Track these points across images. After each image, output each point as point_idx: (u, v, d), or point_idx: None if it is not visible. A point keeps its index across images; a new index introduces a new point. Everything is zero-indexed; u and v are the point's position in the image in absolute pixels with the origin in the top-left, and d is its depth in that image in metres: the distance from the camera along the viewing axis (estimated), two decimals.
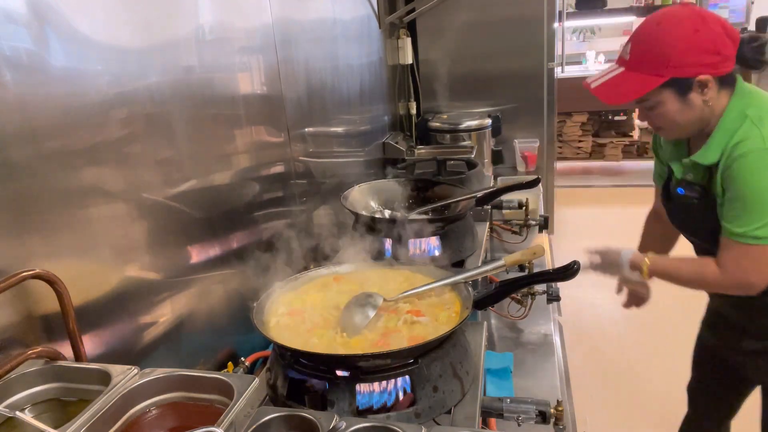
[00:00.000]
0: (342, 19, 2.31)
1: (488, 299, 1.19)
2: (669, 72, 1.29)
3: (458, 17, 3.47)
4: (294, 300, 1.25)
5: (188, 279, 1.23)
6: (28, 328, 0.85)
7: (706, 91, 1.30)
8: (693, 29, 1.27)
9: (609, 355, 3.13)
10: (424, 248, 1.62)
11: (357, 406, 0.99)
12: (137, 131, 1.07)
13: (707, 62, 1.28)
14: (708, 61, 1.28)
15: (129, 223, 1.06)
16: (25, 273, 0.80)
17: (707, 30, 1.27)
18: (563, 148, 6.51)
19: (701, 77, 1.29)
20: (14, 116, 0.82)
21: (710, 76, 1.29)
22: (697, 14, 1.29)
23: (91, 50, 0.96)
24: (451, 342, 1.09)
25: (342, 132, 2.30)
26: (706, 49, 1.27)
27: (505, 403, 1.12)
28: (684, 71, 1.29)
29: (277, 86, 1.66)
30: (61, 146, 0.90)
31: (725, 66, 1.30)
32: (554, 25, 3.43)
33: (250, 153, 1.51)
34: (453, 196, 1.86)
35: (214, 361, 1.31)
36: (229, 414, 0.75)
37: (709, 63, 1.28)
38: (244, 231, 1.47)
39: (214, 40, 1.33)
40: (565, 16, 3.71)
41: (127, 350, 1.05)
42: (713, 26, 1.27)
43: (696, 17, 1.28)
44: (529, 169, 3.60)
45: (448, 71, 3.59)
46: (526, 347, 1.71)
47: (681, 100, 1.32)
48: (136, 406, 0.83)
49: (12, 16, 0.82)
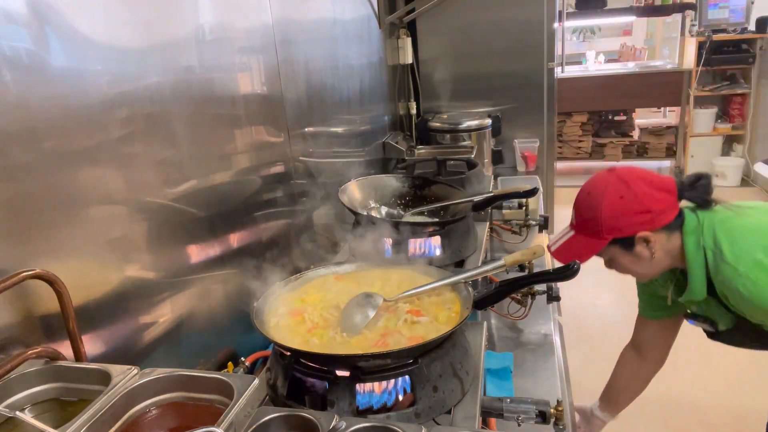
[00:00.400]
0: (342, 19, 2.31)
1: (488, 299, 1.18)
2: (608, 235, 1.39)
3: (458, 17, 3.46)
4: (294, 300, 1.25)
5: (188, 279, 1.23)
6: (28, 328, 0.85)
7: (650, 244, 1.39)
8: (618, 196, 1.36)
9: (609, 355, 3.13)
10: (424, 248, 1.62)
11: (357, 406, 0.99)
12: (137, 131, 1.07)
13: (639, 221, 1.36)
14: (640, 221, 1.36)
15: (129, 223, 1.06)
16: (25, 273, 0.80)
17: (631, 194, 1.36)
18: (563, 148, 6.51)
19: (640, 234, 1.37)
20: (14, 116, 0.82)
21: (648, 232, 1.37)
22: (620, 180, 1.38)
23: (91, 50, 0.96)
24: (451, 342, 1.09)
25: (342, 132, 2.30)
26: (634, 211, 1.36)
27: (505, 403, 1.12)
28: (621, 233, 1.39)
29: (277, 86, 1.66)
30: (61, 146, 0.90)
31: (662, 218, 1.37)
32: (554, 25, 3.43)
33: (250, 153, 1.51)
34: (450, 197, 1.86)
35: (214, 361, 1.31)
36: (229, 414, 0.74)
37: (642, 221, 1.36)
38: (244, 231, 1.47)
39: (214, 40, 1.33)
40: (565, 16, 3.71)
41: (127, 350, 1.05)
42: (637, 188, 1.36)
43: (619, 183, 1.37)
44: (529, 169, 3.59)
45: (448, 71, 3.59)
46: (526, 347, 1.71)
47: (630, 254, 1.42)
48: (136, 406, 0.83)
49: (12, 16, 0.82)
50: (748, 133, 5.78)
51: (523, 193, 1.88)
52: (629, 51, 8.74)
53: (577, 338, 3.07)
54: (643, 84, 6.05)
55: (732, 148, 6.04)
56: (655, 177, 1.40)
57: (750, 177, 5.79)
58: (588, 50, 7.70)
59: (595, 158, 6.55)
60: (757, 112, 5.65)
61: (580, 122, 6.43)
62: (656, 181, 1.39)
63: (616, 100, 6.24)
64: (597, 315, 3.49)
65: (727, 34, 5.48)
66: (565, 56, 3.73)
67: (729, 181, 5.77)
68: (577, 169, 6.83)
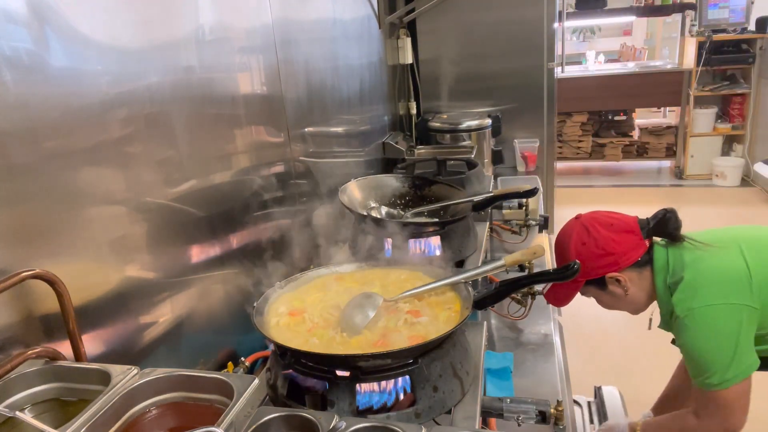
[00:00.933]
0: (342, 19, 2.31)
1: (488, 299, 1.18)
2: (581, 279, 1.49)
3: (458, 17, 3.46)
4: (294, 300, 1.25)
5: (188, 279, 1.23)
6: (28, 328, 0.85)
7: (621, 282, 1.49)
8: (581, 243, 1.48)
9: (609, 355, 3.13)
10: (424, 248, 1.62)
11: (357, 406, 0.99)
12: (137, 131, 1.07)
13: (604, 264, 1.47)
14: (604, 263, 1.47)
15: (129, 223, 1.06)
16: (25, 273, 0.80)
17: (591, 240, 1.47)
18: (563, 148, 6.50)
19: (609, 275, 1.48)
20: (14, 116, 0.82)
21: (615, 273, 1.47)
22: (582, 227, 1.50)
23: (91, 50, 0.96)
24: (451, 342, 1.09)
25: (342, 132, 2.30)
26: (597, 255, 1.46)
27: (505, 403, 1.12)
28: (591, 275, 1.48)
29: (277, 86, 1.66)
30: (61, 146, 0.90)
31: (626, 258, 1.47)
32: (554, 25, 3.43)
33: (250, 153, 1.51)
34: (450, 197, 1.86)
35: (214, 361, 1.31)
36: (229, 414, 0.74)
37: (606, 264, 1.46)
38: (244, 231, 1.46)
39: (214, 40, 1.33)
40: (565, 16, 3.70)
41: (127, 350, 1.05)
42: (597, 233, 1.47)
43: (581, 230, 1.49)
44: (529, 169, 3.59)
45: (448, 71, 3.59)
46: (526, 347, 1.71)
47: (606, 293, 1.53)
48: (136, 406, 0.83)
49: (12, 16, 0.82)
50: (748, 133, 5.77)
51: (523, 193, 1.88)
52: (629, 51, 8.74)
53: (577, 338, 3.07)
54: (643, 84, 6.04)
55: (732, 148, 6.03)
56: (616, 220, 1.50)
57: (750, 177, 5.79)
58: (588, 50, 7.70)
59: (595, 158, 6.55)
60: (757, 112, 5.64)
61: (580, 122, 6.43)
62: (617, 224, 1.49)
63: (616, 100, 6.24)
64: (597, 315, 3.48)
65: (727, 34, 5.47)
66: (565, 56, 3.73)
67: (729, 181, 5.77)
68: (577, 169, 6.83)
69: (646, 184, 6.26)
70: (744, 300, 1.36)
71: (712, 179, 5.90)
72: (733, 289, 1.37)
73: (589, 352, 3.11)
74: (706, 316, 1.37)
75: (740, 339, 1.36)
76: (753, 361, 1.38)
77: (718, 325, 1.37)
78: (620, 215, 1.54)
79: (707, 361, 1.38)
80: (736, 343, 1.35)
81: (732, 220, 4.90)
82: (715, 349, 1.37)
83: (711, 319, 1.37)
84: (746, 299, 1.36)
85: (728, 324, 1.36)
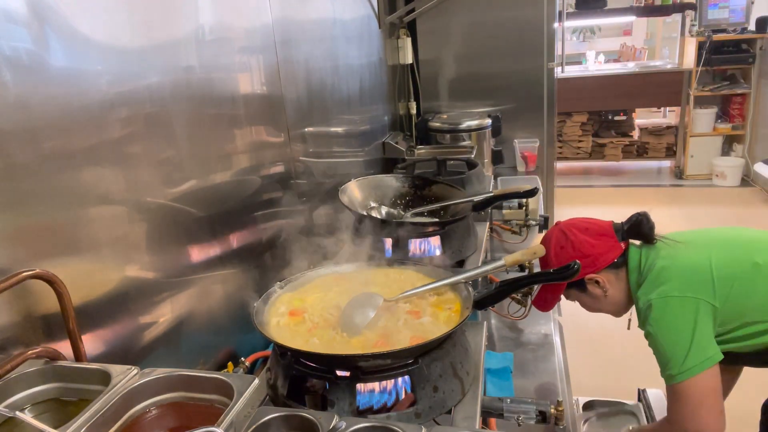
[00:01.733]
0: (342, 19, 2.31)
1: (488, 299, 1.18)
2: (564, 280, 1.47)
3: (458, 17, 3.46)
4: (294, 300, 1.25)
5: (188, 279, 1.23)
6: (28, 328, 0.85)
7: (600, 283, 1.54)
8: (559, 246, 1.54)
9: (609, 355, 3.13)
10: (424, 248, 1.62)
11: (357, 406, 0.99)
12: (137, 131, 1.07)
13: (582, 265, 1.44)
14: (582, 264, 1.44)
15: (129, 222, 1.06)
16: (25, 273, 0.80)
17: (569, 243, 1.53)
18: (563, 148, 6.51)
19: (587, 277, 1.53)
20: (14, 116, 0.82)
21: (593, 274, 1.52)
22: (560, 232, 1.56)
23: (91, 50, 0.96)
24: (451, 342, 1.09)
25: (342, 132, 2.30)
26: (574, 257, 1.48)
27: (505, 403, 1.12)
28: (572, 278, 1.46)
29: (277, 86, 1.66)
30: (61, 146, 0.90)
31: (602, 260, 1.52)
32: (554, 25, 3.43)
33: (250, 153, 1.51)
34: (450, 197, 1.86)
35: (214, 361, 1.31)
36: (229, 414, 0.74)
37: (584, 265, 1.47)
38: (244, 231, 1.46)
39: (214, 40, 1.33)
40: (565, 16, 3.70)
41: (127, 350, 1.05)
42: (573, 237, 1.54)
43: (559, 235, 1.56)
44: (529, 169, 3.59)
45: (448, 71, 3.59)
46: (526, 347, 1.71)
47: (587, 294, 1.58)
48: (136, 406, 0.83)
49: (12, 16, 0.82)
50: (748, 133, 5.78)
51: (523, 193, 1.88)
52: (629, 51, 8.74)
53: (577, 338, 3.07)
54: (643, 84, 6.05)
55: (732, 148, 6.04)
56: (592, 225, 1.58)
57: (750, 177, 5.79)
58: (588, 50, 7.70)
59: (594, 158, 6.55)
60: (757, 112, 5.64)
61: (580, 122, 6.43)
62: (592, 227, 1.57)
63: (616, 100, 6.24)
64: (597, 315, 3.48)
65: (727, 34, 5.48)
66: (565, 56, 3.73)
67: (729, 181, 5.77)
68: (577, 169, 6.83)
69: (646, 184, 6.26)
70: (701, 295, 1.39)
71: (712, 179, 5.90)
72: (692, 284, 1.40)
73: (589, 352, 3.11)
74: (662, 307, 1.40)
75: (696, 331, 1.37)
76: (713, 353, 1.37)
77: (673, 316, 1.40)
78: (596, 220, 1.61)
79: (666, 352, 1.40)
80: (692, 334, 1.37)
81: (732, 220, 4.90)
82: (672, 339, 1.39)
83: (667, 310, 1.40)
84: (704, 294, 1.39)
85: (683, 316, 1.39)
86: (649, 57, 8.48)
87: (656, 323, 1.41)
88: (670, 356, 1.39)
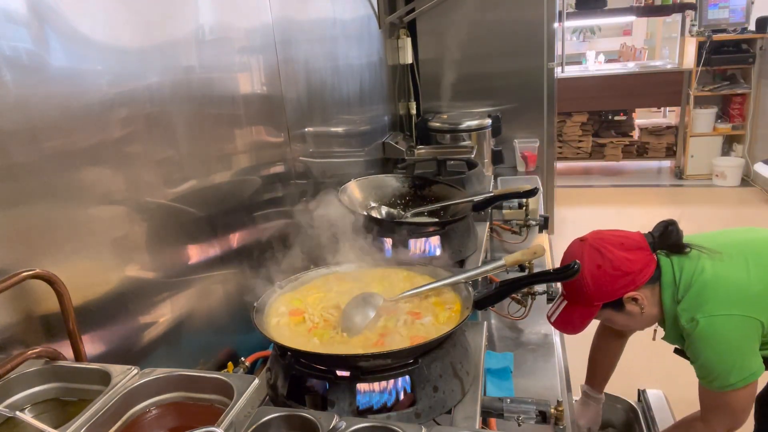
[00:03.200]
0: (342, 19, 2.31)
1: (488, 299, 1.18)
2: (597, 303, 1.45)
3: (458, 17, 3.47)
4: (294, 300, 1.25)
5: (188, 279, 1.23)
6: (28, 328, 0.85)
7: (638, 300, 1.44)
8: (596, 266, 1.42)
9: None
10: (424, 248, 1.62)
11: (357, 406, 0.99)
12: (137, 131, 1.07)
13: (622, 285, 1.42)
14: (622, 284, 1.42)
15: (129, 222, 1.06)
16: (25, 273, 0.80)
17: (607, 261, 1.41)
18: (563, 148, 6.51)
19: (626, 296, 1.43)
20: (14, 116, 0.82)
21: (633, 291, 1.42)
22: (593, 250, 1.43)
23: (91, 50, 0.96)
24: (451, 342, 1.09)
25: (342, 132, 2.30)
26: (614, 277, 1.41)
27: (505, 403, 1.12)
28: (609, 298, 1.44)
29: (277, 86, 1.66)
30: (61, 146, 0.90)
31: (642, 276, 1.43)
32: (554, 25, 3.43)
33: (250, 153, 1.51)
34: (450, 197, 1.86)
35: (214, 361, 1.31)
36: (229, 414, 0.74)
37: (624, 284, 1.42)
38: (244, 231, 1.46)
39: (214, 40, 1.33)
40: (565, 16, 3.71)
41: (127, 350, 1.05)
42: (611, 255, 1.42)
43: (594, 253, 1.43)
44: (529, 169, 3.59)
45: (448, 71, 3.59)
46: (526, 347, 1.71)
47: (623, 313, 1.48)
48: (136, 406, 0.83)
49: (12, 16, 0.82)
50: (748, 133, 5.78)
51: (523, 193, 1.88)
52: (629, 51, 8.75)
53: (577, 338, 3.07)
54: (643, 84, 6.05)
55: (732, 148, 6.04)
56: (625, 238, 1.47)
57: (750, 177, 5.79)
58: (588, 50, 7.70)
59: (595, 158, 6.55)
60: (757, 112, 5.64)
61: (580, 122, 6.43)
62: (627, 242, 1.45)
63: (616, 100, 6.24)
64: None
65: (727, 34, 5.47)
66: (565, 56, 3.74)
67: (729, 181, 5.77)
68: (577, 169, 6.83)
69: (646, 184, 6.26)
70: (748, 312, 1.37)
71: (712, 179, 5.90)
72: (737, 301, 1.38)
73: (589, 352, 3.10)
74: (709, 326, 1.38)
75: (743, 348, 1.38)
76: (758, 367, 1.40)
77: (720, 335, 1.38)
78: (627, 233, 1.50)
79: (711, 367, 1.40)
80: (740, 352, 1.38)
81: (732, 220, 4.90)
82: (718, 358, 1.39)
83: (714, 329, 1.38)
84: (750, 311, 1.38)
85: (731, 334, 1.38)
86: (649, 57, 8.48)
87: (702, 341, 1.39)
88: (715, 372, 1.39)
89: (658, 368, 1.93)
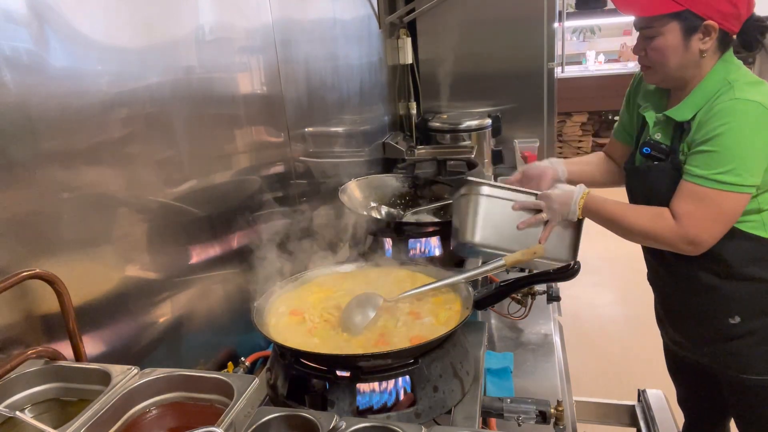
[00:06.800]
0: (342, 19, 2.31)
1: (488, 299, 1.19)
2: (686, 2, 1.29)
3: (458, 17, 3.46)
4: (294, 300, 1.25)
5: (188, 279, 1.23)
6: (28, 328, 0.85)
7: (707, 39, 1.31)
8: None
9: (609, 355, 3.13)
10: (424, 248, 1.62)
11: (357, 406, 0.99)
12: (137, 131, 1.07)
13: (722, 10, 1.30)
14: (723, 9, 1.30)
15: (129, 222, 1.06)
16: (25, 273, 0.80)
17: None
18: (563, 148, 6.51)
19: (709, 22, 1.29)
20: (14, 116, 0.82)
21: (717, 26, 1.30)
22: None
23: (91, 50, 0.96)
24: (451, 342, 1.09)
25: (342, 132, 2.30)
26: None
27: (505, 403, 1.12)
28: (699, 8, 1.30)
29: (277, 86, 1.66)
30: (61, 146, 0.90)
31: (733, 24, 1.31)
32: (554, 25, 3.43)
33: (250, 153, 1.51)
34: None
35: (214, 361, 1.31)
36: (229, 414, 0.75)
37: (723, 12, 1.29)
38: (244, 231, 1.46)
39: (214, 40, 1.33)
40: (565, 16, 3.71)
41: (127, 350, 1.05)
42: None
43: None
44: None
45: (448, 71, 3.58)
46: (526, 347, 1.71)
47: (683, 38, 1.32)
48: (136, 406, 0.83)
49: (12, 16, 0.82)
50: None
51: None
52: (629, 51, 8.74)
53: (577, 338, 3.07)
54: None
55: None
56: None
57: None
58: (588, 50, 7.69)
59: None
60: None
61: (580, 122, 6.44)
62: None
63: (616, 100, 6.19)
64: (597, 315, 3.49)
65: None
66: (565, 56, 3.73)
67: None
68: None
69: None
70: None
71: None
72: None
73: (589, 352, 3.11)
74: (743, 105, 1.27)
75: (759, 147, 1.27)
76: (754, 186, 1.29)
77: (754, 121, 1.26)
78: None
79: (731, 155, 1.26)
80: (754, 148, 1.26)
81: None
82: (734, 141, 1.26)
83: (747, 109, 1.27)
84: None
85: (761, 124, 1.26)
86: None
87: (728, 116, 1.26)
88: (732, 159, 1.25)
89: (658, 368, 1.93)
